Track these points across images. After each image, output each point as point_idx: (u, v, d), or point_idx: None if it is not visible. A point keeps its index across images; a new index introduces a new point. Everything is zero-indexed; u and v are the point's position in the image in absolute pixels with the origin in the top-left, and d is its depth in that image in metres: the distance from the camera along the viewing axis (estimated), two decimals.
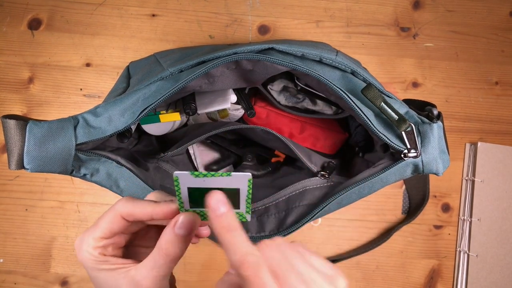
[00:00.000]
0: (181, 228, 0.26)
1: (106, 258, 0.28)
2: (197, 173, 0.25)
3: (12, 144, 0.32)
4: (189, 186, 0.26)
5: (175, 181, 0.25)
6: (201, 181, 0.25)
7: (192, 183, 0.26)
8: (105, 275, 0.27)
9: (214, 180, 0.25)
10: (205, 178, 0.25)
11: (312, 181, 0.46)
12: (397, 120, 0.36)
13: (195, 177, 0.25)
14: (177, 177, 0.25)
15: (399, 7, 0.67)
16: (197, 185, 0.26)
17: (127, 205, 0.27)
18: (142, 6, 0.65)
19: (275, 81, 0.50)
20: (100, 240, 0.28)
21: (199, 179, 0.25)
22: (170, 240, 0.26)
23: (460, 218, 0.65)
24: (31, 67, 0.63)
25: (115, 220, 0.27)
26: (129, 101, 0.36)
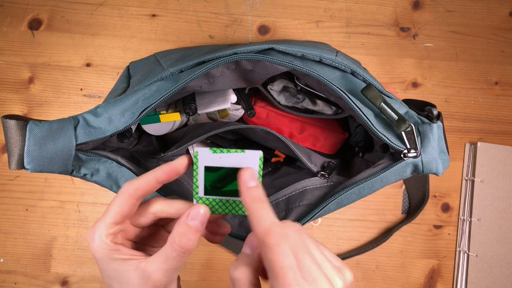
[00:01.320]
0: (193, 220, 0.27)
1: (117, 246, 0.28)
2: (215, 149, 0.27)
3: (13, 144, 0.32)
4: (206, 165, 0.27)
5: (195, 157, 0.27)
6: (217, 158, 0.27)
7: (209, 161, 0.27)
8: (116, 265, 0.28)
9: (229, 157, 0.27)
10: (221, 154, 0.27)
11: (312, 181, 0.46)
12: (397, 120, 0.36)
13: (213, 153, 0.27)
14: (197, 152, 0.27)
15: (399, 7, 0.67)
16: (213, 164, 0.27)
17: (131, 182, 0.28)
18: (142, 6, 0.65)
19: (275, 81, 0.50)
20: (112, 226, 0.28)
21: (216, 155, 0.27)
22: (183, 232, 0.27)
23: (460, 218, 0.65)
24: (31, 67, 0.63)
25: (124, 200, 0.28)
26: (129, 101, 0.36)
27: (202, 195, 0.29)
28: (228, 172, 0.28)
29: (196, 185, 0.28)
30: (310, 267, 0.24)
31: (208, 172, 0.28)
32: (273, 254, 0.23)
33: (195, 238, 0.27)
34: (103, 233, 0.28)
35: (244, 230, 0.43)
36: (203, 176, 0.28)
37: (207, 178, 0.28)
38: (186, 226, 0.27)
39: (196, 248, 0.63)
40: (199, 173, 0.28)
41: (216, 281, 0.63)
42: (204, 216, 0.27)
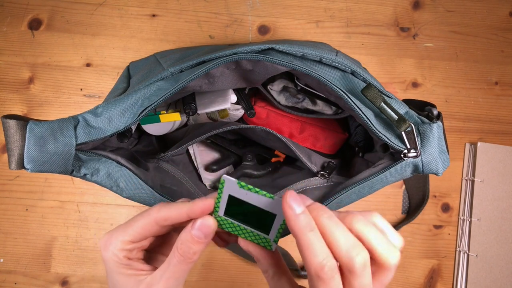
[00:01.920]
0: (198, 230, 0.26)
1: (129, 262, 0.28)
2: (243, 184, 0.25)
3: (13, 144, 0.32)
4: (230, 194, 0.26)
5: (221, 183, 0.26)
6: (243, 193, 0.26)
7: (235, 192, 0.26)
8: (123, 278, 0.28)
9: (256, 197, 0.26)
10: (249, 192, 0.25)
11: (312, 181, 0.46)
12: (397, 120, 0.36)
13: (240, 187, 0.25)
14: (223, 180, 0.26)
15: (399, 7, 0.67)
16: (238, 196, 0.26)
17: (162, 209, 0.27)
18: (142, 6, 0.65)
19: (275, 81, 0.50)
20: (128, 244, 0.28)
21: (243, 190, 0.26)
22: (186, 241, 0.26)
23: (460, 218, 0.65)
24: (31, 67, 0.63)
25: (149, 225, 0.27)
26: (129, 101, 0.36)
27: (222, 215, 0.27)
28: (251, 207, 0.26)
29: (218, 205, 0.27)
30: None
31: (231, 200, 0.26)
32: (327, 286, 0.23)
33: (198, 248, 0.27)
34: (117, 246, 0.27)
35: None
36: (226, 201, 0.27)
37: (230, 203, 0.27)
38: (190, 235, 0.26)
39: None
40: (223, 198, 0.26)
41: (216, 281, 0.63)
42: (209, 228, 0.27)
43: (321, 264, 0.23)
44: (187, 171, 0.53)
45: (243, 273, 0.64)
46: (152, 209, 0.28)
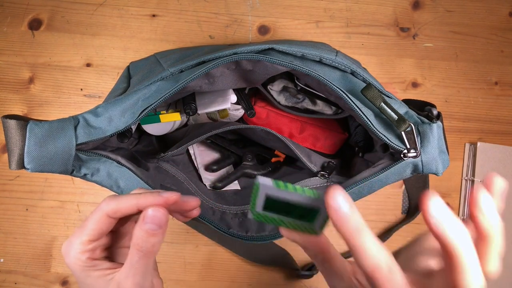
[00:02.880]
0: (150, 223, 0.25)
1: (94, 262, 0.28)
2: (281, 184, 0.23)
3: (13, 144, 0.32)
4: (268, 194, 0.24)
5: (256, 186, 0.24)
6: (282, 192, 0.24)
7: (272, 192, 0.24)
8: (92, 280, 0.27)
9: (297, 195, 0.24)
10: (287, 191, 0.24)
11: (312, 181, 0.46)
12: (396, 120, 0.36)
13: (277, 187, 0.23)
14: (258, 183, 0.23)
15: (399, 7, 0.67)
16: (276, 195, 0.24)
17: (111, 202, 0.27)
18: (143, 6, 0.65)
19: (275, 81, 0.50)
20: (88, 244, 0.27)
21: (281, 191, 0.24)
22: (141, 236, 0.26)
23: (460, 218, 0.65)
24: (31, 67, 0.63)
25: (102, 219, 0.27)
26: (129, 101, 0.36)
27: (260, 210, 0.25)
28: (293, 204, 0.24)
29: (254, 202, 0.25)
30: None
31: (270, 198, 0.24)
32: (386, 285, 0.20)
33: (156, 240, 0.26)
34: (77, 249, 0.27)
35: (244, 230, 0.44)
36: (263, 200, 0.25)
37: (268, 201, 0.25)
38: (143, 230, 0.26)
39: (196, 248, 0.63)
40: (259, 197, 0.24)
41: (216, 281, 0.63)
42: (162, 219, 0.26)
43: (374, 266, 0.20)
44: (187, 171, 0.53)
45: (243, 273, 0.64)
46: (102, 203, 0.27)
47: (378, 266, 0.20)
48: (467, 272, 0.21)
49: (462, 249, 0.21)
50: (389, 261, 0.21)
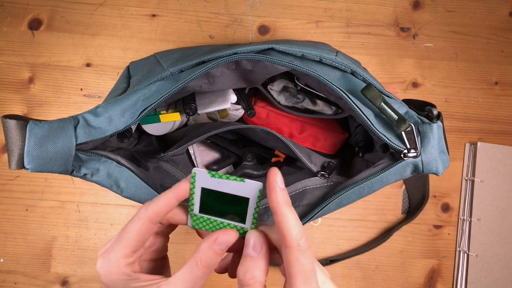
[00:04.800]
0: (219, 245, 0.27)
1: (136, 275, 0.27)
2: (214, 173, 0.26)
3: (13, 144, 0.32)
4: (203, 186, 0.27)
5: (192, 177, 0.27)
6: (215, 182, 0.27)
7: (206, 183, 0.27)
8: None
9: (228, 184, 0.27)
10: (220, 179, 0.26)
11: (312, 181, 0.46)
12: (397, 120, 0.36)
13: (211, 177, 0.26)
14: (194, 173, 0.26)
15: (399, 7, 0.67)
16: (210, 187, 0.27)
17: (149, 207, 0.27)
18: (142, 6, 0.65)
19: (275, 81, 0.50)
20: (131, 256, 0.27)
21: (214, 179, 0.26)
22: (209, 255, 0.27)
23: (459, 218, 0.65)
24: (31, 67, 0.63)
25: (144, 227, 0.27)
26: (129, 101, 0.36)
27: (197, 213, 0.28)
28: (225, 196, 0.27)
29: (192, 203, 0.28)
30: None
31: (204, 193, 0.27)
32: (305, 257, 0.25)
33: (219, 259, 0.27)
34: (121, 264, 0.26)
35: None
36: (199, 195, 0.27)
37: (203, 197, 0.27)
38: (212, 251, 0.27)
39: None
40: (196, 192, 0.27)
41: (216, 281, 0.63)
42: (230, 241, 0.27)
43: (301, 234, 0.25)
44: (187, 171, 0.53)
45: None
46: (139, 211, 0.27)
47: (301, 235, 0.25)
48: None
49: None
50: (302, 232, 0.25)
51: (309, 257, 0.25)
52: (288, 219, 0.25)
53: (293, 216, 0.25)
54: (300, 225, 0.25)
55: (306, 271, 0.25)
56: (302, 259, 0.25)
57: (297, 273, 0.25)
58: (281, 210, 0.25)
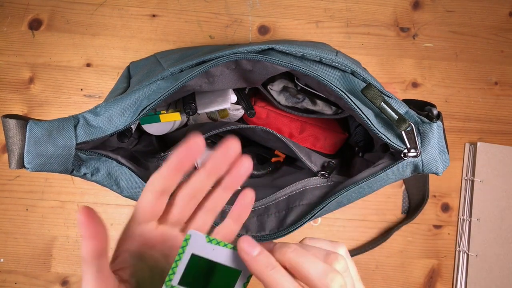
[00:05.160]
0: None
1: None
2: (211, 238, 0.24)
3: (13, 143, 0.32)
4: (194, 253, 0.24)
5: (185, 240, 0.23)
6: (210, 249, 0.24)
7: (200, 249, 0.24)
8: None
9: (223, 252, 0.24)
10: (217, 246, 0.24)
11: (312, 180, 0.46)
12: (397, 120, 0.36)
13: (207, 242, 0.23)
14: (189, 236, 0.23)
15: (399, 8, 0.67)
16: (203, 254, 0.24)
17: (156, 180, 0.25)
18: (143, 6, 0.65)
19: (275, 81, 0.50)
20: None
21: (210, 246, 0.24)
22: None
23: (459, 218, 0.65)
24: (31, 67, 0.63)
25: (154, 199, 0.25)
26: (129, 100, 0.36)
27: (176, 284, 0.24)
28: (215, 267, 0.24)
29: (173, 271, 0.24)
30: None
31: (193, 261, 0.24)
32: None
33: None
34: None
35: (244, 229, 0.44)
36: (186, 263, 0.24)
37: (190, 266, 0.24)
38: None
39: None
40: (183, 259, 0.23)
41: None
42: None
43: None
44: None
45: None
46: (148, 184, 0.25)
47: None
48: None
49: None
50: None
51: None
52: (272, 285, 0.22)
53: (278, 279, 0.22)
54: (289, 286, 0.22)
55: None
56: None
57: None
58: (264, 280, 0.23)
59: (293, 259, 0.23)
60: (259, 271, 0.23)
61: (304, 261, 0.23)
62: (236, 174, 0.26)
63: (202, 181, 0.26)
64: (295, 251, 0.23)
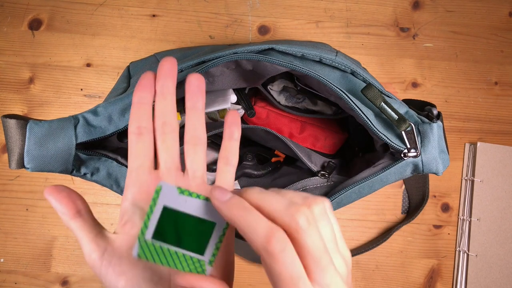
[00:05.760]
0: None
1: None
2: (183, 190, 0.23)
3: (13, 143, 0.32)
4: (166, 205, 0.23)
5: (156, 192, 0.23)
6: (182, 201, 0.23)
7: (172, 201, 0.23)
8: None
9: (196, 204, 0.23)
10: (189, 198, 0.23)
11: (312, 180, 0.46)
12: (397, 120, 0.36)
13: (179, 193, 0.23)
14: (160, 187, 0.23)
15: (399, 8, 0.67)
16: (175, 206, 0.23)
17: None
18: (143, 6, 0.65)
19: (275, 81, 0.50)
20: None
21: (182, 197, 0.23)
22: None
23: (459, 218, 0.65)
24: (31, 67, 0.63)
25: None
26: (129, 100, 0.36)
27: (149, 238, 0.23)
28: (188, 220, 0.24)
29: (146, 225, 0.23)
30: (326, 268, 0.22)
31: (165, 213, 0.23)
32: (279, 264, 0.21)
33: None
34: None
35: None
36: (158, 216, 0.23)
37: (162, 219, 0.23)
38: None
39: None
40: (154, 212, 0.23)
41: None
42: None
43: (267, 236, 0.21)
44: None
45: (244, 273, 0.64)
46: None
47: (268, 237, 0.21)
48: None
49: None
50: (281, 233, 0.21)
51: (284, 263, 0.21)
52: (247, 224, 0.21)
53: (251, 218, 0.22)
54: (263, 227, 0.21)
55: (284, 280, 0.21)
56: (275, 266, 0.21)
57: (275, 283, 0.22)
58: (237, 223, 0.22)
59: (259, 196, 0.23)
60: (232, 214, 0.22)
61: (269, 198, 0.23)
62: (191, 89, 0.26)
63: (161, 102, 0.26)
64: (261, 191, 0.23)
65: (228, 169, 0.27)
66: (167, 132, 0.26)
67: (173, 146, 0.26)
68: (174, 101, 0.26)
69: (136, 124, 0.26)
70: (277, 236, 0.21)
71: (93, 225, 0.25)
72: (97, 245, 0.25)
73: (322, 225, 0.23)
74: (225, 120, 0.27)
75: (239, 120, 0.27)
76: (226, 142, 0.27)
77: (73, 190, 0.26)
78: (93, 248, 0.25)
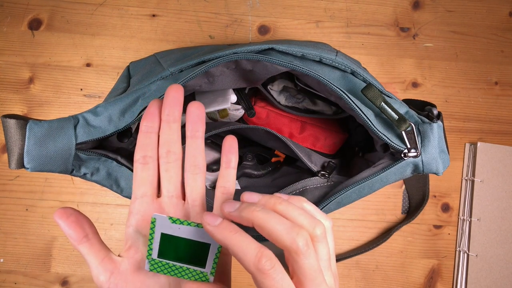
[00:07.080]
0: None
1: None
2: (175, 219, 0.25)
3: (12, 143, 0.32)
4: (163, 232, 0.26)
5: (152, 222, 0.26)
6: (176, 228, 0.26)
7: (167, 228, 0.26)
8: None
9: (189, 230, 0.26)
10: (181, 226, 0.26)
11: (312, 180, 0.46)
12: (397, 120, 0.36)
13: (172, 223, 0.25)
14: (154, 219, 0.25)
15: (399, 7, 0.67)
16: (171, 232, 0.26)
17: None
18: (143, 6, 0.65)
19: (275, 81, 0.50)
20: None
21: (175, 225, 0.26)
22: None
23: (459, 218, 0.65)
24: (31, 67, 0.63)
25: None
26: (129, 100, 0.36)
27: (156, 257, 0.27)
28: (185, 242, 0.27)
29: (150, 247, 0.27)
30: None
31: (164, 238, 0.26)
32: (271, 279, 0.23)
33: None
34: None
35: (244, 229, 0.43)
36: (158, 241, 0.26)
37: (163, 243, 0.26)
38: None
39: None
40: (155, 238, 0.26)
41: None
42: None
43: (257, 256, 0.23)
44: None
45: (244, 273, 0.64)
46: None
47: (257, 258, 0.23)
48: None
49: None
50: (269, 252, 0.23)
51: (275, 280, 0.23)
52: (237, 247, 0.23)
53: (241, 241, 0.23)
54: (252, 248, 0.23)
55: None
56: (268, 283, 0.23)
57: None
58: (228, 246, 0.24)
59: (263, 217, 0.24)
60: (223, 237, 0.24)
61: (272, 220, 0.24)
62: (192, 118, 0.28)
63: (166, 131, 0.28)
64: (262, 210, 0.24)
65: (225, 197, 0.28)
66: (171, 161, 0.28)
67: (176, 174, 0.28)
68: (179, 130, 0.28)
69: (142, 154, 0.27)
70: (266, 255, 0.23)
71: (100, 248, 0.27)
72: (105, 268, 0.27)
73: (320, 247, 0.25)
74: (223, 145, 0.28)
75: (236, 146, 0.28)
76: (224, 171, 0.29)
77: (81, 213, 0.27)
78: (100, 271, 0.26)
